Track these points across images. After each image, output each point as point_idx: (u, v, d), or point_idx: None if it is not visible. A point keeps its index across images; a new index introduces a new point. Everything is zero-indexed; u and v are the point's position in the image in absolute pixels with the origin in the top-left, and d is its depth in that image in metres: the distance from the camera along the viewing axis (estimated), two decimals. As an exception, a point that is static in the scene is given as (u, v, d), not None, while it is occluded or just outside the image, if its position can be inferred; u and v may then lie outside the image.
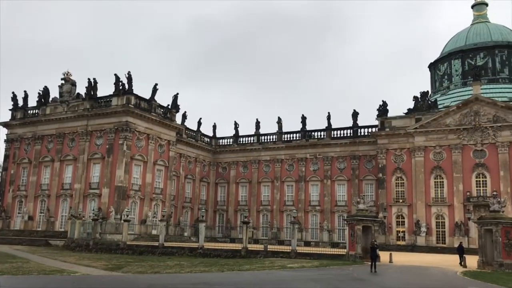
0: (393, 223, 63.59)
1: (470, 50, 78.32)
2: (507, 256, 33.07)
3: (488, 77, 74.53)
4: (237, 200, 79.44)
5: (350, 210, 66.03)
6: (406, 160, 64.60)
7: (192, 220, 75.09)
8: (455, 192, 60.64)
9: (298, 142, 75.32)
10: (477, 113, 60.80)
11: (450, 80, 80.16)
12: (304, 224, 70.65)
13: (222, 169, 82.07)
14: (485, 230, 34.65)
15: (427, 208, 61.93)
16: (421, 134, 63.62)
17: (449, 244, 59.03)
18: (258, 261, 36.55)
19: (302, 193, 73.46)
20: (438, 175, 62.31)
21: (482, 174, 60.05)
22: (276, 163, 76.57)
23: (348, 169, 70.85)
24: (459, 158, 61.14)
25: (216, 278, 24.91)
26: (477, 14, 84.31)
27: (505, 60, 75.86)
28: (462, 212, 59.64)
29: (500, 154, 59.05)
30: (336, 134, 73.34)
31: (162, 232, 48.20)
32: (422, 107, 65.11)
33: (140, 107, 62.27)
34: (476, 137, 60.54)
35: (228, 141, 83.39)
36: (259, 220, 76.25)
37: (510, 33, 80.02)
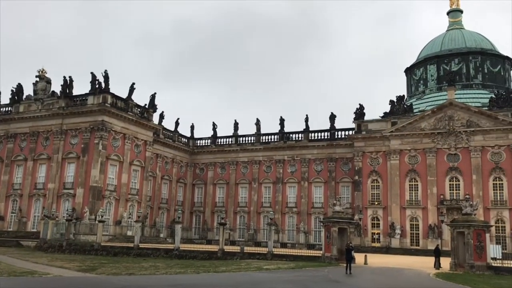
0: (369, 225, 64.33)
1: (445, 55, 79.94)
2: (478, 258, 33.77)
3: (462, 83, 76.18)
4: (214, 202, 79.15)
5: (326, 212, 66.49)
6: (381, 163, 65.46)
7: (168, 221, 74.47)
8: (429, 195, 61.71)
9: (276, 144, 75.53)
10: (451, 117, 62.05)
11: (426, 84, 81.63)
12: (281, 226, 70.85)
13: (200, 170, 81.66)
14: (457, 232, 35.31)
15: (401, 210, 62.85)
16: (397, 138, 64.57)
17: (423, 246, 60.05)
18: (234, 262, 36.45)
19: (279, 194, 73.65)
20: (413, 178, 63.33)
21: (455, 177, 61.29)
22: (254, 165, 76.59)
23: (325, 171, 71.38)
24: (433, 161, 62.26)
25: (192, 279, 24.73)
26: (452, 21, 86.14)
27: (479, 67, 77.67)
28: (435, 215, 60.74)
29: (473, 158, 60.38)
30: (313, 136, 73.83)
31: (138, 233, 47.63)
32: (398, 111, 66.11)
33: (117, 106, 61.47)
34: (450, 141, 61.77)
35: (206, 142, 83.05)
36: (236, 222, 76.12)
37: (484, 40, 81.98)
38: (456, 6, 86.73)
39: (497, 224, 57.19)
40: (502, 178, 58.84)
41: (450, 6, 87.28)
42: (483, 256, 33.83)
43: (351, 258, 30.42)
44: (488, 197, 59.05)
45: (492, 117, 59.94)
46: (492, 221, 56.03)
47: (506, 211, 57.77)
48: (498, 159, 59.36)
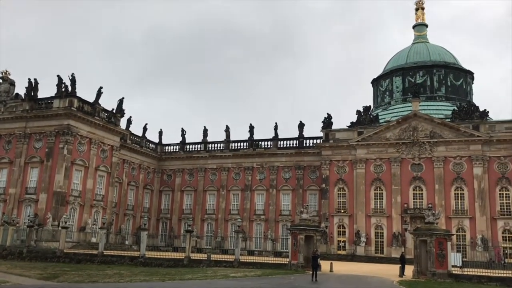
0: (335, 233, 65.12)
1: (411, 68, 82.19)
2: (439, 265, 34.65)
3: (426, 95, 78.41)
4: (182, 209, 78.44)
5: (294, 219, 66.90)
6: (348, 172, 66.50)
7: (134, 228, 73.30)
8: (393, 204, 63.05)
9: (245, 151, 75.65)
10: (416, 128, 63.74)
11: (391, 96, 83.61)
12: (248, 233, 70.84)
13: (167, 177, 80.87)
14: (420, 241, 36.16)
15: (367, 218, 63.93)
16: (363, 147, 65.80)
17: (387, 254, 61.20)
18: (200, 270, 36.20)
19: (247, 202, 73.69)
20: (378, 186, 64.59)
21: (419, 187, 62.87)
22: (222, 172, 76.43)
23: (293, 179, 71.94)
24: (398, 171, 63.72)
25: (157, 287, 24.44)
26: (417, 35, 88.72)
27: (442, 79, 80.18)
28: (399, 223, 62.06)
29: (436, 168, 62.11)
30: (282, 144, 74.36)
31: (102, 240, 46.67)
32: (365, 121, 67.45)
33: (84, 110, 60.31)
34: (414, 152, 63.38)
35: (174, 148, 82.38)
36: (204, 229, 75.64)
37: (447, 54, 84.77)
38: (422, 20, 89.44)
39: (458, 232, 58.91)
40: (463, 188, 60.73)
41: (416, 20, 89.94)
42: (444, 264, 34.74)
43: (317, 266, 30.78)
44: (450, 206, 60.81)
45: (454, 128, 61.92)
46: (453, 230, 57.73)
47: (467, 220, 59.62)
48: (459, 170, 61.28)
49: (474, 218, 59.15)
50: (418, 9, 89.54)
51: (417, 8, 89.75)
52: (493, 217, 58.76)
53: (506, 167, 59.52)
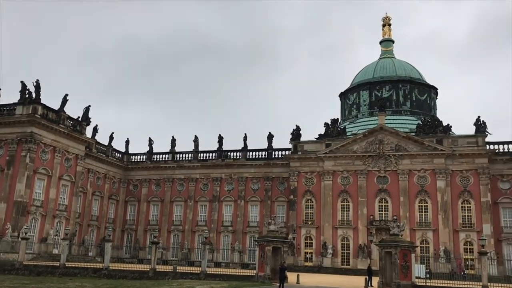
0: (302, 245, 65.31)
1: (377, 82, 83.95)
2: (404, 277, 35.17)
3: (392, 109, 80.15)
4: (148, 219, 77.10)
5: (261, 231, 66.70)
6: (316, 183, 67.04)
7: (98, 239, 71.53)
8: (359, 216, 63.85)
9: (214, 162, 75.25)
10: (382, 141, 64.99)
11: (358, 109, 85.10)
12: (215, 245, 70.22)
13: (133, 187, 79.48)
14: (385, 252, 36.66)
15: (333, 230, 64.45)
16: (331, 159, 66.54)
17: (353, 265, 61.78)
18: (166, 282, 35.54)
19: (215, 213, 73.13)
20: (345, 198, 65.33)
21: (384, 199, 63.94)
22: (190, 182, 75.70)
23: (262, 190, 71.93)
24: (364, 183, 64.67)
25: (120, 301, 23.78)
26: (384, 50, 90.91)
27: (407, 94, 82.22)
28: (365, 235, 62.82)
29: (401, 181, 63.38)
30: (251, 155, 74.38)
31: (64, 252, 45.28)
32: (332, 133, 68.32)
33: (48, 118, 58.74)
34: (380, 164, 64.52)
35: (141, 158, 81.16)
36: (170, 241, 74.53)
37: (413, 69, 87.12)
38: (388, 36, 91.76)
39: (422, 244, 60.10)
40: (427, 200, 62.13)
41: (383, 36, 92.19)
42: (408, 276, 35.27)
43: (284, 278, 30.81)
44: (414, 219, 62.03)
45: (419, 142, 63.46)
46: (418, 242, 58.85)
47: (430, 232, 60.93)
48: (423, 183, 62.71)
49: (437, 230, 60.52)
50: (385, 25, 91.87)
51: (384, 24, 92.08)
52: (455, 229, 60.27)
53: (468, 181, 61.29)
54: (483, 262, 36.06)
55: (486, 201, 59.59)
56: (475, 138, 62.11)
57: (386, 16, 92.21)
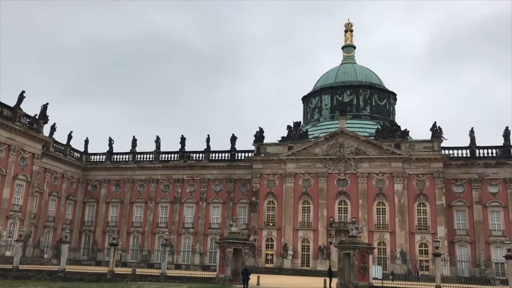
0: (263, 246, 65.65)
1: (339, 87, 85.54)
2: (361, 278, 35.99)
3: (353, 113, 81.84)
4: (107, 221, 75.51)
5: (223, 233, 66.69)
6: (278, 185, 67.58)
7: (54, 241, 69.43)
8: (320, 218, 64.81)
9: (176, 163, 74.56)
10: (342, 145, 66.26)
11: (320, 113, 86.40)
12: (176, 247, 69.55)
13: (92, 187, 77.67)
14: (344, 253, 37.39)
15: (294, 232, 65.14)
16: (293, 161, 67.28)
17: (313, 267, 62.61)
18: (124, 285, 34.97)
19: (176, 215, 72.45)
20: (306, 200, 66.17)
21: (344, 201, 65.17)
22: (151, 183, 74.71)
23: (224, 192, 71.84)
24: (324, 185, 65.72)
25: (77, 304, 23.24)
26: (346, 55, 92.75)
27: (367, 99, 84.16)
28: (325, 237, 63.83)
29: (360, 184, 64.80)
30: (214, 156, 74.17)
31: (18, 254, 43.73)
32: (295, 136, 69.10)
33: (3, 115, 56.62)
34: (340, 167, 65.76)
35: (100, 158, 79.43)
36: (129, 242, 73.26)
37: (373, 75, 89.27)
38: (350, 42, 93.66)
39: (379, 246, 61.60)
40: (385, 203, 63.78)
41: (345, 42, 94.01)
42: (366, 277, 36.12)
43: (248, 279, 30.98)
44: (372, 221, 63.53)
45: (378, 146, 65.09)
46: (375, 243, 60.30)
47: (388, 234, 62.55)
48: (381, 186, 64.35)
49: (394, 232, 62.20)
50: (347, 31, 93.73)
51: (346, 30, 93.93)
52: (411, 231, 62.12)
53: (423, 184, 63.33)
54: (437, 263, 37.38)
55: (441, 204, 61.77)
56: (431, 143, 64.28)
57: (348, 22, 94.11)
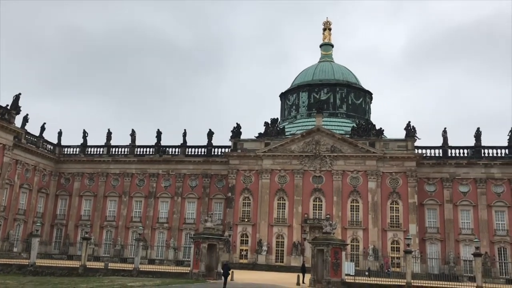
0: (238, 242, 65.75)
1: (316, 85, 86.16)
2: (334, 274, 36.45)
3: (329, 111, 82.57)
4: (79, 215, 74.37)
5: (198, 228, 66.53)
6: (254, 181, 67.72)
7: (25, 234, 67.98)
8: (294, 214, 65.27)
9: (151, 157, 73.89)
10: (318, 142, 66.80)
11: (298, 110, 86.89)
12: (150, 242, 69.01)
13: (65, 180, 76.32)
14: (317, 250, 37.79)
15: (269, 228, 65.45)
16: (269, 158, 67.50)
17: (287, 263, 63.06)
18: (96, 279, 34.56)
19: (151, 209, 71.86)
20: (282, 197, 66.52)
21: (319, 198, 65.78)
22: (126, 177, 73.87)
23: (200, 187, 71.58)
24: (300, 182, 66.17)
25: (47, 298, 22.88)
26: (324, 54, 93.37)
27: (344, 98, 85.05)
28: (299, 233, 64.33)
29: (335, 181, 65.49)
30: (190, 151, 73.76)
31: (-14, 248, 42.74)
32: (272, 133, 69.31)
33: (-28, 104, 55.06)
34: (316, 164, 66.30)
35: (74, 150, 78.02)
36: (102, 237, 72.36)
37: (350, 73, 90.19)
38: (328, 40, 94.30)
39: (353, 243, 62.46)
40: (359, 200, 64.64)
41: (323, 40, 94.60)
42: (338, 273, 36.60)
43: (227, 275, 31.95)
44: (346, 218, 64.32)
45: (353, 144, 65.87)
46: (348, 240, 61.11)
47: (361, 231, 63.46)
48: (356, 183, 65.19)
49: (367, 229, 63.14)
50: (326, 29, 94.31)
51: (324, 29, 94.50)
52: (383, 228, 63.17)
53: (397, 183, 64.43)
54: (408, 260, 38.14)
55: (413, 203, 62.97)
56: (405, 142, 65.40)
57: (327, 21, 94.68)
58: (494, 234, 62.25)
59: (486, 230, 62.08)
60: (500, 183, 63.65)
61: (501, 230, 62.45)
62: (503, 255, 61.53)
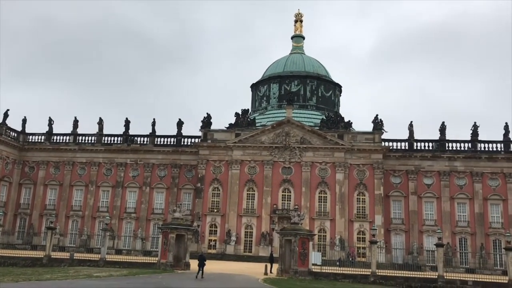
0: (206, 232, 65.75)
1: (287, 76, 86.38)
2: (301, 264, 37.04)
3: (299, 103, 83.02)
4: (44, 204, 72.72)
5: (166, 218, 66.09)
6: (224, 172, 67.68)
7: (-14, 224, 65.96)
8: (264, 205, 65.68)
9: (119, 146, 72.77)
10: (288, 134, 67.22)
11: (268, 101, 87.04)
12: (117, 232, 68.23)
13: (29, 169, 74.34)
14: (285, 240, 38.27)
15: (238, 218, 65.68)
16: (239, 149, 67.54)
17: (255, 253, 63.52)
18: (61, 270, 33.97)
19: (118, 199, 70.92)
20: (251, 187, 66.78)
21: (288, 189, 66.34)
22: (92, 166, 72.56)
23: (168, 177, 71.03)
24: (270, 173, 66.55)
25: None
26: (295, 45, 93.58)
27: (314, 90, 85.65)
28: (268, 223, 64.83)
29: (304, 172, 66.17)
30: (160, 141, 73.02)
31: None
32: (242, 124, 69.30)
33: None
34: (285, 156, 66.77)
35: (39, 138, 76.02)
36: (68, 226, 71.04)
37: (320, 66, 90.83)
38: (299, 32, 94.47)
39: (320, 233, 63.43)
40: (327, 191, 65.56)
41: (294, 32, 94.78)
42: (306, 262, 37.23)
43: (203, 264, 32.61)
44: (314, 208, 65.17)
45: (322, 136, 66.59)
46: (316, 230, 62.03)
47: (328, 221, 64.46)
48: (324, 174, 66.03)
49: (334, 220, 64.18)
50: (297, 21, 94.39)
51: (296, 20, 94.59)
52: (350, 219, 64.35)
53: (364, 174, 65.62)
54: (373, 250, 39.09)
55: (379, 194, 64.32)
56: (372, 135, 66.58)
57: (298, 13, 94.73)
58: (456, 225, 64.40)
59: (448, 221, 64.15)
60: (462, 176, 65.72)
61: (463, 221, 64.64)
62: (464, 245, 63.79)
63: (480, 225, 63.49)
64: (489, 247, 62.46)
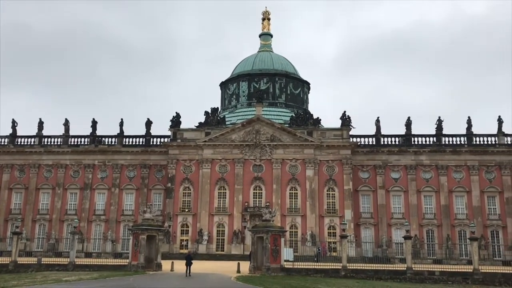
0: (178, 232, 65.35)
1: (256, 74, 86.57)
2: (273, 260, 37.28)
3: (269, 101, 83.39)
4: (9, 208, 70.63)
5: (137, 219, 65.14)
6: (194, 171, 67.35)
7: None
8: (235, 203, 65.74)
9: (86, 147, 71.39)
10: (258, 131, 67.46)
11: (238, 99, 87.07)
12: (86, 235, 67.00)
13: (-7, 173, 72.05)
14: (257, 237, 38.42)
15: (210, 217, 65.53)
16: (210, 147, 67.35)
17: (227, 251, 63.55)
18: (29, 275, 33.13)
19: (87, 201, 69.60)
20: (222, 186, 66.72)
21: (259, 186, 66.61)
22: (59, 169, 70.94)
23: (138, 178, 70.16)
24: (241, 171, 66.65)
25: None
26: (263, 43, 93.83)
27: (283, 87, 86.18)
28: (240, 221, 64.92)
29: (274, 169, 66.56)
30: (128, 141, 72.00)
31: None
32: (212, 122, 69.11)
33: None
34: (256, 153, 66.99)
35: (2, 141, 73.73)
36: (35, 231, 69.30)
37: (288, 64, 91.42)
38: (267, 30, 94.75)
39: (291, 229, 63.99)
40: (297, 188, 66.15)
41: (262, 30, 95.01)
42: (278, 259, 37.50)
43: (190, 264, 33.95)
44: (285, 205, 65.66)
45: (292, 133, 67.13)
46: (287, 227, 62.52)
47: (299, 217, 65.09)
48: (294, 171, 66.59)
49: (305, 216, 64.86)
50: (265, 19, 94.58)
51: (263, 18, 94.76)
52: (321, 215, 65.15)
53: (333, 170, 66.52)
54: (344, 244, 39.73)
55: (348, 189, 65.38)
56: (340, 131, 67.57)
57: (266, 11, 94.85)
58: (423, 218, 66.15)
59: (415, 214, 65.80)
60: (428, 169, 67.49)
61: (429, 213, 66.45)
62: (431, 237, 65.61)
63: (446, 217, 65.41)
64: (454, 238, 64.48)
